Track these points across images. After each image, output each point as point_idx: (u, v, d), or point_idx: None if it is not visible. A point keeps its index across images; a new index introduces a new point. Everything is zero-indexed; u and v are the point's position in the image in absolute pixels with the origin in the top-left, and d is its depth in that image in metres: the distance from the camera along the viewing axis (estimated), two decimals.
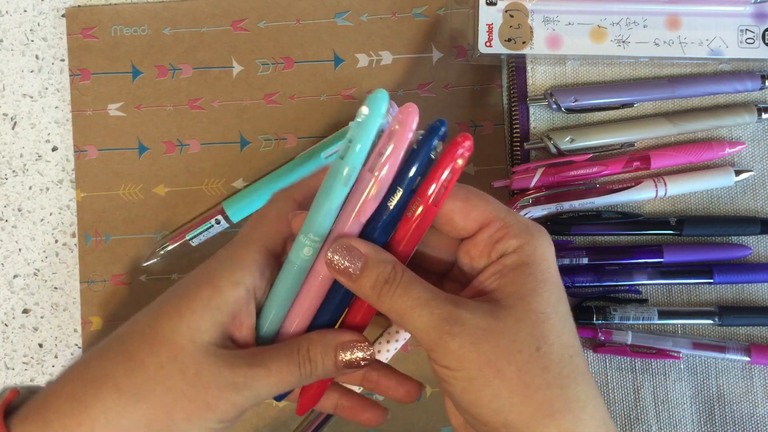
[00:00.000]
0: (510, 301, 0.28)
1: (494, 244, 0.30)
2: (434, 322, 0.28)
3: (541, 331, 0.28)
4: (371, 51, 0.47)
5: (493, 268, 0.30)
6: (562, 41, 0.44)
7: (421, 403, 0.45)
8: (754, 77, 0.44)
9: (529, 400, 0.27)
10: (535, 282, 0.29)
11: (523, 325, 0.28)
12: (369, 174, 0.30)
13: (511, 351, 0.27)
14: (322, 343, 0.32)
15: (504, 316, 0.28)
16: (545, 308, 0.28)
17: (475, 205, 0.30)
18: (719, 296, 0.45)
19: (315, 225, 0.30)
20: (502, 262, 0.29)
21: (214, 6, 0.47)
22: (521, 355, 0.27)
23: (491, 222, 0.30)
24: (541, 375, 0.27)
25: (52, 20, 0.48)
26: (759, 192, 0.45)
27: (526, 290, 0.28)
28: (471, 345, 0.27)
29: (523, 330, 0.28)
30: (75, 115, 0.47)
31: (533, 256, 0.29)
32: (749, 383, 0.44)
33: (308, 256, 0.31)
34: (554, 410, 0.27)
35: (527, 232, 0.29)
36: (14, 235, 0.47)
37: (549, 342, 0.28)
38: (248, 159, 0.47)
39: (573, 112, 0.45)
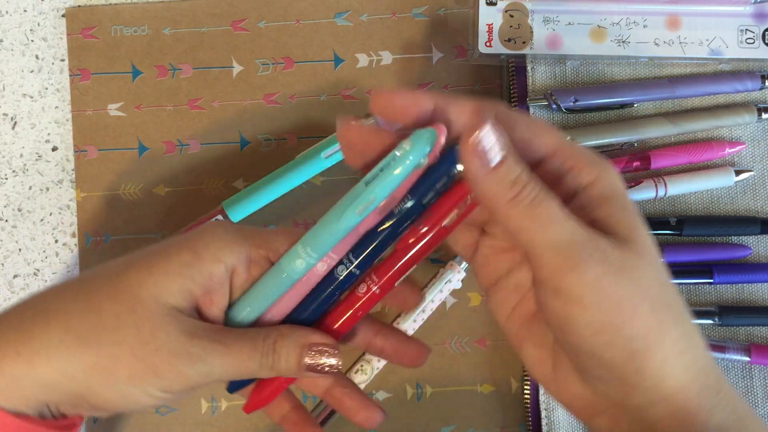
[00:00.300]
0: (623, 232, 0.26)
1: (563, 176, 0.27)
2: (577, 241, 0.24)
3: (659, 265, 0.26)
4: (371, 51, 0.47)
5: (577, 203, 0.27)
6: (562, 41, 0.44)
7: (421, 403, 0.45)
8: (754, 77, 0.44)
9: (663, 339, 0.25)
10: (630, 214, 0.26)
11: (647, 260, 0.26)
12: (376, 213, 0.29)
13: (643, 288, 0.25)
14: (291, 337, 0.30)
15: (629, 249, 0.25)
16: (651, 241, 0.26)
17: (537, 135, 0.27)
18: (719, 296, 0.45)
19: (316, 241, 0.29)
20: (585, 195, 0.27)
21: (214, 6, 0.47)
22: (651, 293, 0.25)
23: (557, 152, 0.27)
24: (668, 313, 0.26)
25: (52, 20, 0.48)
26: (759, 192, 0.45)
27: (633, 223, 0.26)
28: (612, 277, 0.24)
29: (647, 266, 0.25)
30: (75, 115, 0.47)
31: (616, 187, 0.27)
32: (749, 383, 0.44)
33: (300, 268, 0.30)
34: (682, 348, 0.26)
35: (598, 163, 0.27)
36: (14, 235, 0.47)
37: (666, 277, 0.26)
38: (248, 159, 0.47)
39: (573, 112, 0.45)
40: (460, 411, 0.45)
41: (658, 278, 0.26)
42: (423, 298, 0.45)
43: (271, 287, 0.31)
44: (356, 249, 0.30)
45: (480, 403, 0.45)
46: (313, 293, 0.31)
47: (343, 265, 0.30)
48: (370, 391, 0.45)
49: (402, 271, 0.30)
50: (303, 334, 0.30)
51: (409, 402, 0.45)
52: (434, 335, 0.46)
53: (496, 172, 0.25)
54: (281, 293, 0.31)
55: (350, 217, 0.28)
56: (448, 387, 0.46)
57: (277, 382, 0.32)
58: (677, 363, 0.26)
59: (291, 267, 0.30)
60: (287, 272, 0.30)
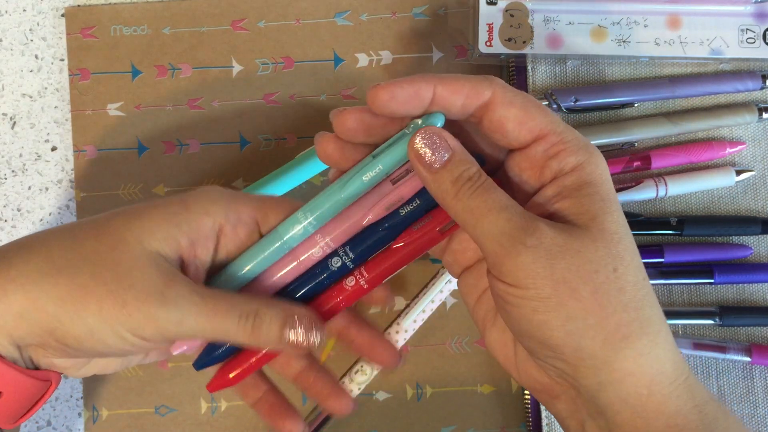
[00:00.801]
0: (582, 220, 0.27)
1: (549, 159, 0.28)
2: (510, 230, 0.26)
3: (617, 251, 0.26)
4: (371, 51, 0.47)
5: (551, 189, 0.28)
6: (562, 41, 0.44)
7: (421, 403, 0.45)
8: (755, 77, 0.44)
9: (605, 322, 0.26)
10: (602, 202, 0.27)
11: (600, 245, 0.26)
12: (389, 184, 0.30)
13: (587, 271, 0.26)
14: (277, 307, 0.30)
15: (579, 235, 0.26)
16: (618, 228, 0.27)
17: (531, 115, 0.28)
18: (720, 296, 0.45)
19: (318, 208, 0.30)
20: (561, 182, 0.28)
21: (213, 6, 0.47)
22: (598, 276, 0.26)
23: (547, 135, 0.28)
24: (617, 297, 0.26)
25: (52, 20, 0.48)
26: (760, 192, 0.45)
27: (596, 210, 0.27)
28: (546, 260, 0.26)
29: (600, 250, 0.26)
30: (74, 115, 0.47)
31: (594, 175, 0.27)
32: (750, 383, 0.44)
33: (298, 234, 0.30)
34: (630, 333, 0.26)
35: (585, 149, 0.28)
36: (14, 235, 0.47)
37: (625, 263, 0.26)
38: (248, 159, 0.47)
39: (573, 112, 0.45)
40: (460, 411, 0.45)
41: (612, 263, 0.26)
42: (418, 299, 0.45)
43: (265, 251, 0.31)
44: (354, 241, 0.30)
45: (480, 403, 0.45)
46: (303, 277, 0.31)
47: (338, 256, 0.31)
48: (370, 391, 0.45)
49: (392, 269, 0.31)
50: (289, 305, 0.31)
51: (409, 402, 0.45)
52: (434, 335, 0.46)
53: (439, 173, 0.27)
54: (274, 260, 0.31)
55: (357, 185, 0.29)
56: (448, 387, 0.46)
57: (247, 362, 0.32)
58: (623, 348, 0.26)
59: (288, 233, 0.30)
60: (285, 239, 0.30)
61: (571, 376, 0.27)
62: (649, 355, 0.26)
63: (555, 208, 0.28)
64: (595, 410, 0.27)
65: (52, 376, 0.32)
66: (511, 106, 0.28)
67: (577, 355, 0.26)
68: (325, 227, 0.30)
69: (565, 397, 0.29)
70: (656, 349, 0.27)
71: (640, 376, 0.26)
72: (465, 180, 0.27)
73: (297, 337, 0.30)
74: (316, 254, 0.31)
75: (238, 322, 0.30)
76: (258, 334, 0.30)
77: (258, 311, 0.30)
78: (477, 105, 0.28)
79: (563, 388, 0.29)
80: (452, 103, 0.28)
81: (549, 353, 0.27)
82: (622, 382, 0.26)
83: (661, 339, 0.27)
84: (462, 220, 0.27)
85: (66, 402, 0.46)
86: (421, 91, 0.28)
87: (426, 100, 0.28)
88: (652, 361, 0.26)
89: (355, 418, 0.45)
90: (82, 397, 0.46)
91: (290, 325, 0.30)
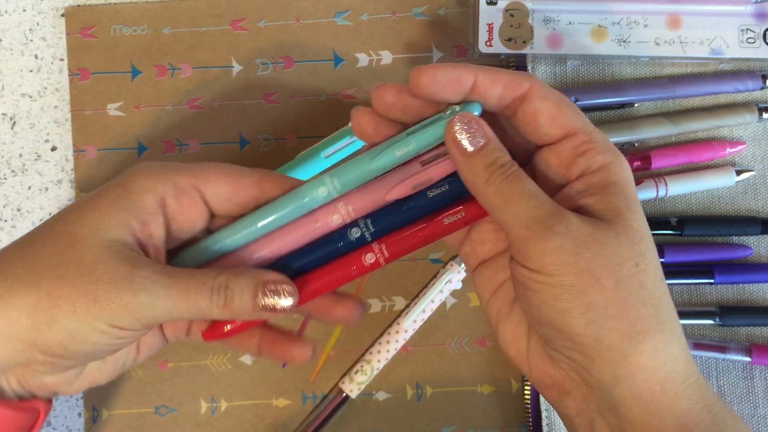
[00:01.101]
0: (608, 215, 0.27)
1: (577, 156, 0.29)
2: (539, 215, 0.27)
3: (639, 248, 0.27)
4: (371, 51, 0.47)
5: (578, 185, 0.29)
6: (562, 41, 0.44)
7: (421, 403, 0.45)
8: (755, 77, 0.44)
9: (625, 314, 0.26)
10: (626, 201, 0.28)
11: (624, 240, 0.27)
12: (419, 165, 0.30)
13: (611, 263, 0.26)
14: (246, 275, 0.30)
15: (605, 228, 0.27)
16: (640, 226, 0.28)
17: (564, 112, 0.29)
18: (720, 296, 0.45)
19: (346, 175, 0.30)
20: (588, 179, 0.28)
21: (213, 6, 0.47)
22: (621, 269, 0.26)
23: (577, 133, 0.29)
24: (638, 292, 0.27)
25: (52, 20, 0.48)
26: (760, 192, 0.45)
27: (621, 207, 0.28)
28: (573, 248, 0.26)
29: (624, 244, 0.27)
30: (74, 115, 0.47)
31: (620, 176, 0.28)
32: (750, 383, 0.44)
33: (321, 196, 0.30)
34: (648, 328, 0.27)
35: (612, 151, 0.29)
36: (13, 235, 0.47)
37: (646, 260, 0.27)
38: (248, 159, 0.47)
39: None
40: (460, 411, 0.45)
41: (634, 259, 0.27)
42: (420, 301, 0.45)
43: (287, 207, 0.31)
44: (376, 215, 0.31)
45: (480, 404, 0.45)
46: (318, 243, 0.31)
47: (358, 227, 0.31)
48: (370, 391, 0.45)
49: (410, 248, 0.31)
50: (258, 272, 0.30)
51: (409, 402, 0.45)
52: (434, 335, 0.46)
53: (473, 157, 0.28)
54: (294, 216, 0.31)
55: (388, 157, 0.29)
56: (448, 387, 0.45)
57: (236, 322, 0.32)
58: (640, 342, 0.26)
59: (312, 193, 0.30)
60: (308, 197, 0.30)
61: (586, 369, 0.27)
62: (664, 351, 0.27)
63: (582, 203, 0.28)
64: (607, 407, 0.28)
65: (40, 406, 0.31)
66: (545, 100, 0.28)
67: (596, 345, 0.27)
68: (349, 195, 0.31)
69: (576, 393, 0.29)
70: (671, 346, 0.27)
71: (654, 372, 0.27)
72: (498, 166, 0.28)
73: (271, 302, 0.30)
74: (335, 221, 0.31)
75: (211, 298, 0.29)
76: (231, 306, 0.30)
77: (227, 283, 0.30)
78: (514, 96, 0.29)
79: (575, 384, 0.29)
80: (491, 93, 0.29)
81: (567, 343, 0.27)
82: (637, 376, 0.27)
83: (675, 337, 0.27)
84: (491, 204, 0.28)
85: (66, 402, 0.46)
86: (462, 77, 0.28)
87: (466, 87, 0.28)
88: (666, 357, 0.27)
89: (355, 418, 0.45)
90: (82, 397, 0.46)
91: (262, 292, 0.30)
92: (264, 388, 0.45)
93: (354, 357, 0.45)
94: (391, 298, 0.46)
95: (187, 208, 0.31)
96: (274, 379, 0.45)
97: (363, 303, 0.34)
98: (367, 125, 0.30)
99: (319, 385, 0.45)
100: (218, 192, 0.32)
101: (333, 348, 0.45)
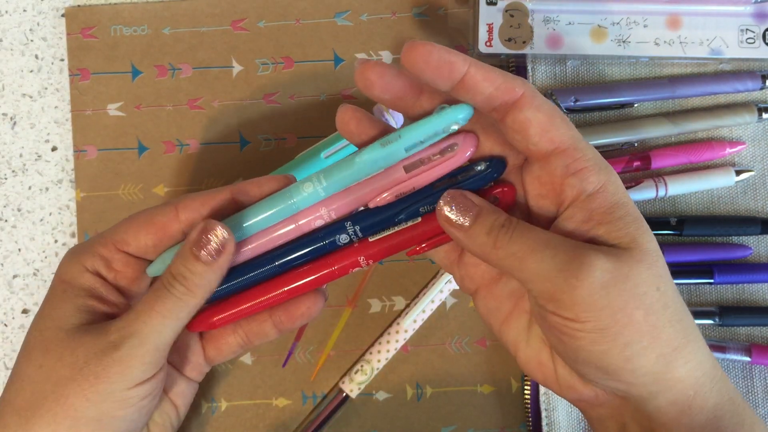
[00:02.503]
0: (624, 243, 0.27)
1: (569, 176, 0.28)
2: (558, 265, 0.26)
3: (657, 270, 0.27)
4: (371, 51, 0.47)
5: (579, 214, 0.28)
6: (562, 41, 0.44)
7: (421, 403, 0.45)
8: (755, 77, 0.44)
9: (657, 340, 0.27)
10: (635, 222, 0.27)
11: (644, 267, 0.27)
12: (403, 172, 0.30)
13: (638, 294, 0.26)
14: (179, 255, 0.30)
15: (626, 258, 0.26)
16: (654, 246, 0.27)
17: (556, 125, 0.27)
18: (720, 296, 0.45)
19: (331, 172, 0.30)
20: (588, 205, 0.27)
21: (214, 6, 0.47)
22: (646, 297, 0.26)
23: (567, 149, 0.28)
24: (664, 314, 0.27)
25: (52, 20, 0.48)
26: (759, 192, 0.45)
27: (634, 232, 0.27)
28: (601, 290, 0.26)
29: (644, 272, 0.27)
30: (74, 115, 0.47)
31: (619, 195, 0.28)
32: (750, 383, 0.44)
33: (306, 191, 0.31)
34: (678, 345, 0.27)
35: (606, 168, 0.28)
36: (14, 235, 0.47)
37: (665, 281, 0.27)
38: (248, 159, 0.47)
39: (573, 112, 0.45)
40: (460, 411, 0.45)
41: (655, 283, 0.27)
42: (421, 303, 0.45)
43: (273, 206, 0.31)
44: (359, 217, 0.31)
45: (480, 403, 0.45)
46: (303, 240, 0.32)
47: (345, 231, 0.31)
48: (370, 391, 0.45)
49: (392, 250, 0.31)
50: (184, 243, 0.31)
51: (409, 402, 0.45)
52: (434, 335, 0.46)
53: (473, 229, 0.28)
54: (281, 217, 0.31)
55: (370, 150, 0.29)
56: (448, 387, 0.46)
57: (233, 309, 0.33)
58: (673, 360, 0.27)
59: (299, 191, 0.31)
60: (294, 196, 0.31)
61: (624, 392, 0.28)
62: (695, 360, 0.27)
63: (593, 235, 0.27)
64: (642, 414, 0.28)
65: None
66: (538, 111, 0.27)
67: (634, 373, 0.27)
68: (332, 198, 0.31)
69: (609, 404, 0.29)
70: (698, 353, 0.28)
71: (688, 380, 0.27)
72: (499, 227, 0.27)
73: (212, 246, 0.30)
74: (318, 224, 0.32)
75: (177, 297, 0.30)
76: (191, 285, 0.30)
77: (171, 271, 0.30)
78: (504, 100, 0.27)
79: (608, 398, 0.29)
80: (480, 90, 0.27)
81: (603, 376, 0.27)
82: (673, 388, 0.27)
83: (700, 343, 0.28)
84: (508, 267, 0.27)
85: None
86: (456, 65, 0.27)
87: (456, 75, 0.27)
88: (696, 364, 0.28)
89: (355, 418, 0.45)
90: None
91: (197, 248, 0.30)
92: (264, 388, 0.46)
93: (354, 357, 0.45)
94: (391, 298, 0.46)
95: (122, 272, 0.33)
96: (274, 379, 0.46)
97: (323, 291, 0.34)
98: (349, 120, 0.30)
99: (319, 385, 0.45)
100: (141, 245, 0.32)
101: (333, 348, 0.46)
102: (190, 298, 0.30)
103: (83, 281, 0.32)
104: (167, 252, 0.32)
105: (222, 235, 0.30)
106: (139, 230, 0.32)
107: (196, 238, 0.30)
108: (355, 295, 0.46)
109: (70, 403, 0.29)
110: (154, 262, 0.33)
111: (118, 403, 0.29)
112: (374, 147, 0.29)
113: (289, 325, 0.34)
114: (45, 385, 0.29)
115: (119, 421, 0.30)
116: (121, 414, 0.30)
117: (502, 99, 0.27)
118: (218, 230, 0.30)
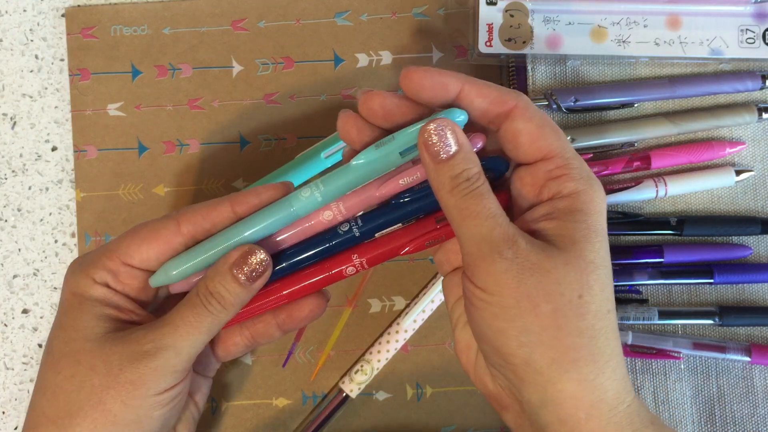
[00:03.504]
0: (562, 243, 0.28)
1: (550, 180, 0.29)
2: (491, 237, 0.27)
3: (587, 280, 0.27)
4: (371, 51, 0.47)
5: (543, 209, 0.29)
6: (562, 41, 0.44)
7: (421, 403, 0.45)
8: (755, 77, 0.44)
9: (558, 342, 0.27)
10: (587, 230, 0.28)
11: (572, 270, 0.27)
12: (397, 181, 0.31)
13: (553, 292, 0.27)
14: (217, 272, 0.31)
15: (555, 256, 0.27)
16: (595, 258, 0.28)
17: (544, 135, 0.29)
18: (720, 296, 0.45)
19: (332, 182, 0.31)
20: (554, 204, 0.29)
21: (214, 6, 0.47)
22: (562, 298, 0.27)
23: (554, 157, 0.29)
24: (575, 321, 0.27)
25: (52, 20, 0.48)
26: (759, 192, 0.45)
27: (579, 237, 0.28)
28: (516, 274, 0.27)
29: (571, 274, 0.27)
30: (74, 115, 0.47)
31: (588, 204, 0.28)
32: (750, 383, 0.44)
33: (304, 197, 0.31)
34: (579, 357, 0.27)
35: (587, 179, 0.29)
36: (14, 235, 0.47)
37: (592, 292, 0.27)
38: (248, 159, 0.47)
39: (573, 112, 0.45)
40: (460, 411, 0.45)
41: (579, 290, 0.27)
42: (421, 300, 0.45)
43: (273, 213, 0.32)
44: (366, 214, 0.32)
45: (480, 403, 0.45)
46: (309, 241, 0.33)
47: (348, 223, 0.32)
48: (370, 391, 0.45)
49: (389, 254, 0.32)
50: (222, 262, 0.32)
51: (409, 402, 0.45)
52: (434, 335, 0.46)
53: (442, 164, 0.28)
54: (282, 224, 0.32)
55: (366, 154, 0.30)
56: (448, 387, 0.46)
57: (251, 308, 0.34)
58: (568, 371, 0.27)
59: (297, 198, 0.31)
60: (293, 203, 0.31)
61: (517, 389, 0.28)
62: (593, 382, 0.27)
63: (539, 226, 0.29)
64: (537, 427, 0.28)
65: None
66: (528, 121, 0.29)
67: (526, 368, 0.27)
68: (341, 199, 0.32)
69: (512, 409, 0.30)
70: (601, 377, 0.27)
71: (580, 400, 0.27)
72: (463, 179, 0.28)
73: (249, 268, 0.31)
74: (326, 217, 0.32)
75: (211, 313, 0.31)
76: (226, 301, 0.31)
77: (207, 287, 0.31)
78: (498, 112, 0.29)
79: (510, 401, 0.30)
80: (475, 105, 0.29)
81: (501, 361, 0.28)
82: (563, 403, 0.27)
83: (608, 369, 0.28)
84: (450, 215, 0.29)
85: None
86: (449, 85, 0.29)
87: (451, 93, 0.29)
88: (594, 387, 0.27)
89: (355, 418, 0.45)
90: None
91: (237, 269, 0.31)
92: (264, 388, 0.46)
93: (354, 357, 0.45)
94: (391, 298, 0.46)
95: (129, 284, 0.33)
96: (274, 379, 0.46)
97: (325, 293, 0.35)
98: (351, 128, 0.31)
99: (319, 385, 0.45)
100: (144, 258, 0.33)
101: (333, 348, 0.46)
102: (224, 315, 0.32)
103: (96, 293, 0.33)
104: (168, 262, 0.33)
105: (263, 261, 0.31)
106: (141, 244, 0.33)
107: (238, 260, 0.31)
108: (355, 295, 0.46)
109: (108, 408, 0.30)
110: (156, 273, 0.33)
111: (153, 406, 0.31)
112: (369, 150, 0.30)
113: (293, 326, 0.36)
114: (79, 393, 0.31)
115: (155, 420, 0.32)
116: (156, 414, 0.32)
117: (496, 111, 0.29)
118: (259, 256, 0.31)
